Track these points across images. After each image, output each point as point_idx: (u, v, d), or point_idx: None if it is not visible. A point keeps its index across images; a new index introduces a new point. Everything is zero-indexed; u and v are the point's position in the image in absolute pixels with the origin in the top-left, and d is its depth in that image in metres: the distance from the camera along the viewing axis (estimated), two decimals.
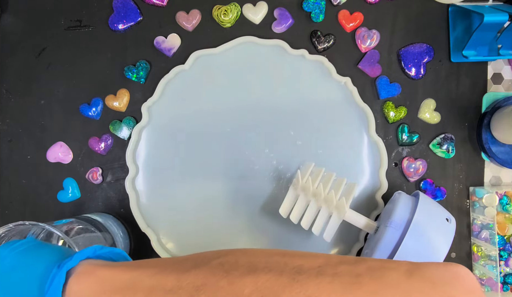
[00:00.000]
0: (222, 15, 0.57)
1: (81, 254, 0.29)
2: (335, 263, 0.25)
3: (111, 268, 0.28)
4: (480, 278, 0.56)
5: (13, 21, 0.57)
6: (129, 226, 0.56)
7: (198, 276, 0.25)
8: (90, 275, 0.28)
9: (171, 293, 0.25)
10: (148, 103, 0.55)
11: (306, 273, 0.24)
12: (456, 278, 0.23)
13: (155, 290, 0.25)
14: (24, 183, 0.57)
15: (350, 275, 0.23)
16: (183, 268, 0.26)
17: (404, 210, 0.47)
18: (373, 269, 0.24)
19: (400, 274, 0.23)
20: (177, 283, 0.25)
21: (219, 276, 0.25)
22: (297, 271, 0.24)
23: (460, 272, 0.24)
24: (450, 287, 0.23)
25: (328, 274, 0.24)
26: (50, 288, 0.27)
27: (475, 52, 0.54)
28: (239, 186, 0.56)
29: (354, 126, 0.56)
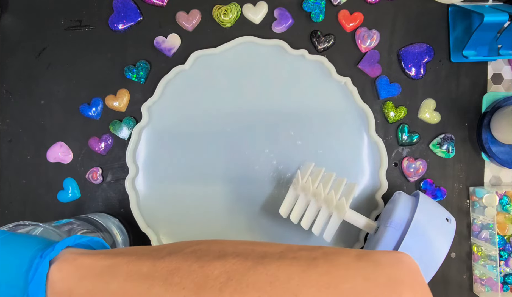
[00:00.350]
0: (222, 15, 0.57)
1: (62, 243, 0.31)
2: (295, 249, 0.28)
3: (91, 255, 0.30)
4: (480, 278, 0.56)
5: (13, 21, 0.57)
6: (129, 226, 0.56)
7: (172, 262, 0.27)
8: (71, 263, 0.29)
9: (147, 276, 0.27)
10: (148, 103, 0.55)
11: (269, 257, 0.27)
12: (400, 261, 0.26)
13: (133, 274, 0.27)
14: (24, 183, 0.57)
15: (307, 258, 0.26)
16: (158, 255, 0.28)
17: (404, 210, 0.47)
18: (328, 253, 0.27)
19: (350, 257, 0.26)
20: (152, 268, 0.27)
21: (191, 261, 0.27)
22: (261, 256, 0.27)
23: (403, 256, 0.27)
24: (394, 268, 0.25)
25: (288, 258, 0.26)
26: (34, 277, 0.28)
27: (475, 52, 0.54)
28: (239, 185, 0.56)
29: (354, 126, 0.56)
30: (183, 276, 0.26)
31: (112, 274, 0.28)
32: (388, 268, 0.25)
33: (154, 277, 0.27)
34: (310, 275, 0.25)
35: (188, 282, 0.26)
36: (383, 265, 0.26)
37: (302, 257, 0.26)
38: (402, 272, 0.25)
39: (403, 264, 0.26)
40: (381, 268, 0.25)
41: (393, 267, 0.26)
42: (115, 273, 0.28)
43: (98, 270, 0.28)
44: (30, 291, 0.28)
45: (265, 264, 0.26)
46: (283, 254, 0.27)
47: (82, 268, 0.29)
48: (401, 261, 0.26)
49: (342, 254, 0.27)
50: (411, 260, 0.27)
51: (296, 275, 0.25)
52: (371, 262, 0.26)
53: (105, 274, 0.28)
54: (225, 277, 0.25)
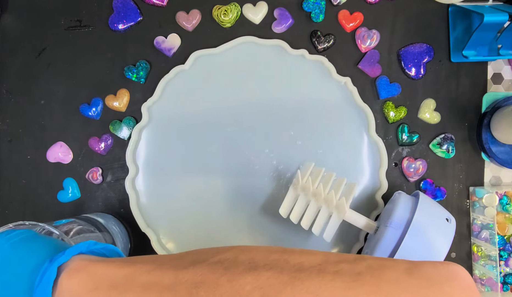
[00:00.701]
0: (222, 15, 0.57)
1: (74, 249, 0.29)
2: (335, 261, 0.25)
3: (105, 263, 0.28)
4: (480, 278, 0.56)
5: (13, 21, 0.57)
6: (129, 226, 0.56)
7: (196, 273, 0.25)
8: (83, 271, 0.27)
9: (169, 290, 0.24)
10: (148, 103, 0.55)
11: (307, 271, 0.24)
12: (453, 276, 0.24)
13: (152, 286, 0.25)
14: (24, 183, 0.57)
15: (351, 273, 0.24)
16: (181, 265, 0.26)
17: (404, 210, 0.47)
18: (373, 267, 0.24)
19: (399, 272, 0.24)
20: (175, 280, 0.25)
21: (218, 273, 0.24)
22: (298, 268, 0.24)
23: (457, 270, 0.25)
24: (447, 285, 0.23)
25: (329, 272, 0.24)
26: (41, 283, 0.26)
27: (475, 52, 0.54)
28: (239, 185, 0.56)
29: (354, 126, 0.56)
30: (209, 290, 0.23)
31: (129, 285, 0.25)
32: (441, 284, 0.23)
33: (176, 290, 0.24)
34: (356, 293, 0.22)
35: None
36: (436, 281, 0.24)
37: (344, 271, 0.24)
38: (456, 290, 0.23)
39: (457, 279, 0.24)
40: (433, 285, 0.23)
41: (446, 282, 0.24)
42: (132, 284, 0.25)
43: (112, 280, 0.26)
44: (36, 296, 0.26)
45: (303, 279, 0.23)
46: (322, 267, 0.24)
47: (95, 277, 0.26)
48: (455, 276, 0.24)
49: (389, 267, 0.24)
50: (466, 274, 0.25)
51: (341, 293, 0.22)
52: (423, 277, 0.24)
53: (120, 285, 0.26)
54: (259, 293, 0.23)
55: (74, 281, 0.27)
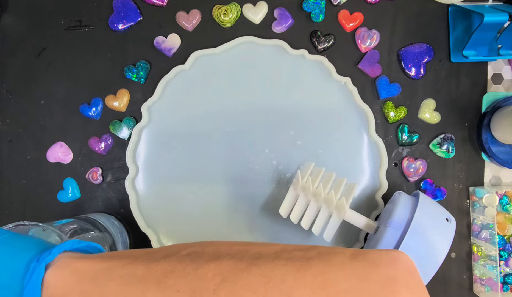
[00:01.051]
0: (222, 15, 0.57)
1: (59, 248, 0.30)
2: (290, 250, 0.27)
3: (86, 259, 0.30)
4: (480, 278, 0.56)
5: (13, 21, 0.57)
6: (129, 226, 0.56)
7: (166, 264, 0.27)
8: (67, 267, 0.29)
9: (142, 280, 0.27)
10: (148, 103, 0.55)
11: (263, 258, 0.26)
12: (395, 260, 0.26)
13: (127, 278, 0.27)
14: (24, 183, 0.57)
15: (302, 258, 0.26)
16: (153, 258, 0.28)
17: (404, 210, 0.47)
18: (323, 253, 0.27)
19: (345, 257, 0.26)
20: (147, 270, 0.27)
21: (185, 263, 0.27)
22: (256, 256, 0.27)
23: (398, 255, 0.26)
24: (389, 267, 0.25)
25: (283, 258, 0.26)
26: (30, 282, 0.28)
27: (475, 52, 0.54)
28: (239, 185, 0.56)
29: (354, 127, 0.56)
30: (177, 278, 0.26)
31: (107, 278, 0.28)
32: (384, 267, 0.25)
33: (148, 280, 0.27)
34: (304, 275, 0.25)
35: (183, 284, 0.26)
36: (379, 264, 0.25)
37: (296, 257, 0.26)
38: (398, 271, 0.25)
39: (399, 262, 0.26)
40: (377, 267, 0.25)
41: (389, 266, 0.25)
42: (109, 276, 0.28)
43: (92, 274, 0.28)
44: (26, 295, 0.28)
45: (259, 265, 0.26)
46: (278, 255, 0.27)
47: (77, 272, 0.29)
48: (397, 259, 0.26)
49: (337, 253, 0.26)
50: (407, 258, 0.27)
51: (290, 276, 0.25)
52: (367, 261, 0.26)
53: (99, 277, 0.28)
54: (220, 278, 0.25)
55: (59, 277, 0.29)
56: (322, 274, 0.25)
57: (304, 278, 0.24)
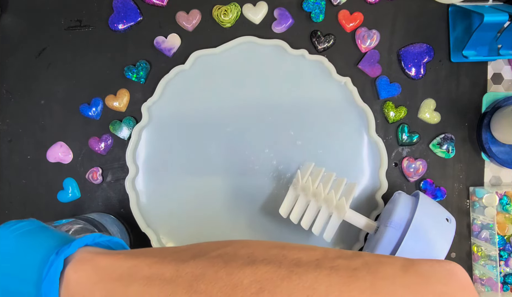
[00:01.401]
0: (222, 15, 0.57)
1: (80, 241, 0.29)
2: (332, 257, 0.25)
3: (109, 256, 0.28)
4: (480, 278, 0.56)
5: (13, 21, 0.57)
6: (129, 226, 0.56)
7: (197, 266, 0.25)
8: (88, 263, 0.28)
9: (170, 282, 0.25)
10: (148, 103, 0.55)
11: (304, 266, 0.24)
12: (450, 275, 0.24)
13: (154, 279, 0.25)
14: (24, 183, 0.57)
15: (347, 268, 0.24)
16: (182, 258, 0.26)
17: (404, 210, 0.47)
18: (370, 263, 0.24)
19: (395, 269, 0.24)
20: (175, 272, 0.25)
21: (218, 266, 0.25)
22: (295, 263, 0.24)
23: (454, 269, 0.24)
24: (443, 283, 0.23)
25: (326, 267, 0.24)
26: (48, 275, 0.27)
27: (475, 52, 0.54)
28: (239, 185, 0.56)
29: (354, 126, 0.56)
30: (209, 283, 0.24)
31: (132, 278, 0.26)
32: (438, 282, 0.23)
33: (177, 283, 0.25)
34: (351, 289, 0.22)
35: (215, 291, 0.23)
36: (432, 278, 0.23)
37: (341, 266, 0.24)
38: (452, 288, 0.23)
39: (454, 277, 0.24)
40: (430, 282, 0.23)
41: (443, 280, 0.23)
42: (135, 276, 0.26)
43: (116, 272, 0.27)
44: (44, 288, 0.27)
45: (300, 273, 0.24)
46: (320, 262, 0.25)
47: (99, 269, 0.27)
48: (452, 274, 0.24)
49: (386, 264, 0.24)
50: (463, 272, 0.25)
51: (336, 288, 0.23)
52: (420, 275, 0.23)
53: (124, 277, 0.26)
54: (257, 287, 0.23)
55: (79, 273, 0.27)
56: (371, 288, 0.23)
57: (351, 293, 0.22)
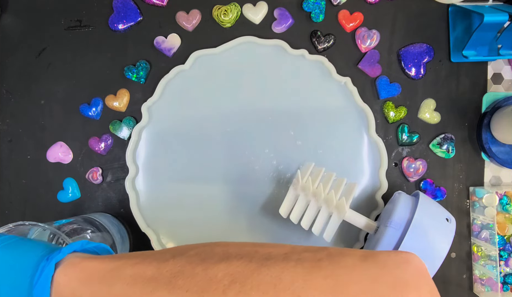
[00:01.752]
0: (222, 15, 0.57)
1: (69, 248, 0.31)
2: (299, 251, 0.27)
3: (96, 259, 0.30)
4: (480, 278, 0.56)
5: (13, 21, 0.57)
6: (129, 226, 0.56)
7: (176, 264, 0.27)
8: (76, 266, 0.29)
9: (151, 280, 0.27)
10: (148, 103, 0.55)
11: (273, 259, 0.26)
12: (406, 261, 0.26)
13: (136, 277, 0.27)
14: (24, 183, 0.57)
15: (312, 260, 0.26)
16: (162, 258, 0.28)
17: (404, 210, 0.47)
18: (333, 255, 0.26)
19: (355, 259, 0.26)
20: (156, 271, 0.27)
21: (195, 264, 0.27)
22: (265, 257, 0.27)
23: (409, 257, 0.26)
24: (400, 270, 0.25)
25: (292, 259, 0.26)
26: (39, 280, 0.28)
27: (475, 52, 0.54)
28: (239, 185, 0.56)
29: (354, 126, 0.56)
30: (186, 279, 0.26)
31: (116, 278, 0.28)
32: (395, 269, 0.25)
33: (157, 280, 0.27)
34: (314, 277, 0.24)
35: (192, 285, 0.25)
36: (389, 266, 0.25)
37: (306, 258, 0.26)
38: (408, 273, 0.25)
39: (409, 264, 0.25)
40: (387, 269, 0.25)
41: (400, 268, 0.25)
42: (118, 276, 0.28)
43: (102, 273, 0.28)
44: (35, 293, 0.28)
45: (269, 266, 0.26)
46: (287, 256, 0.27)
47: (86, 271, 0.29)
48: (407, 261, 0.26)
49: (347, 255, 0.26)
50: (418, 260, 0.26)
51: (300, 278, 0.25)
52: (377, 263, 0.25)
53: (108, 277, 0.28)
54: (229, 279, 0.25)
55: (68, 276, 0.29)
56: (332, 276, 0.24)
57: (314, 280, 0.24)
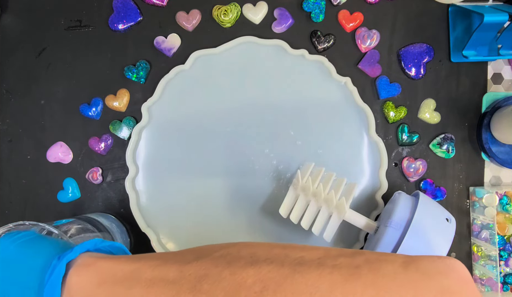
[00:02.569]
0: (222, 15, 0.57)
1: (81, 247, 0.29)
2: (334, 255, 0.25)
3: (112, 260, 0.28)
4: (480, 278, 0.56)
5: (13, 21, 0.57)
6: (129, 226, 0.56)
7: (200, 267, 0.25)
8: (90, 267, 0.28)
9: (173, 283, 0.25)
10: (148, 103, 0.55)
11: (306, 264, 0.24)
12: (450, 269, 0.24)
13: (157, 281, 0.25)
14: (24, 183, 0.57)
15: (349, 266, 0.24)
16: (185, 260, 0.26)
17: (404, 210, 0.47)
18: (371, 261, 0.25)
19: (396, 266, 0.24)
20: (179, 274, 0.25)
21: (221, 267, 0.25)
22: (298, 262, 0.25)
23: (453, 264, 0.25)
24: (444, 277, 0.24)
25: (328, 266, 0.24)
26: (50, 279, 0.27)
27: (475, 52, 0.54)
28: (239, 185, 0.56)
29: (354, 126, 0.56)
30: (212, 283, 0.24)
31: (135, 280, 0.26)
32: (438, 277, 0.24)
33: (181, 284, 0.25)
34: (354, 286, 0.23)
35: (219, 290, 0.24)
36: (432, 274, 0.24)
37: (343, 264, 0.24)
38: (453, 281, 0.24)
39: (453, 271, 0.24)
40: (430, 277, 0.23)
41: (444, 275, 0.24)
42: (138, 278, 0.26)
43: (119, 275, 0.27)
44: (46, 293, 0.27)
45: (303, 272, 0.24)
46: (322, 261, 0.25)
47: (101, 272, 0.27)
48: (451, 269, 0.24)
49: (387, 261, 0.25)
50: (462, 266, 0.25)
51: (339, 286, 0.23)
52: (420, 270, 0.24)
53: (126, 279, 0.26)
54: (260, 286, 0.23)
55: (81, 277, 0.27)
56: (373, 286, 0.23)
57: (354, 289, 0.23)
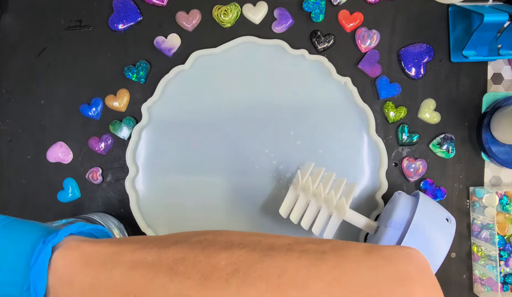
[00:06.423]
0: (222, 15, 0.57)
1: (65, 230, 0.30)
2: (303, 242, 0.27)
3: (95, 243, 0.29)
4: (480, 278, 0.56)
5: (13, 21, 0.57)
6: (129, 226, 0.56)
7: (178, 251, 0.27)
8: (74, 250, 0.29)
9: (152, 266, 0.26)
10: (148, 103, 0.55)
11: (276, 250, 0.26)
12: (410, 256, 0.26)
13: (137, 263, 0.27)
14: (24, 183, 0.57)
15: (316, 252, 0.26)
16: (164, 244, 0.28)
17: (404, 210, 0.47)
18: (336, 247, 0.26)
19: (360, 252, 0.26)
20: (157, 257, 0.27)
21: (197, 251, 0.27)
22: (269, 247, 0.26)
23: (413, 252, 0.26)
24: (404, 263, 0.25)
25: (296, 251, 0.26)
26: (36, 263, 0.28)
27: (475, 52, 0.54)
28: (239, 186, 0.56)
29: (354, 127, 0.56)
30: (188, 266, 0.26)
31: (116, 262, 0.27)
32: (398, 263, 0.25)
33: (159, 266, 0.26)
34: (319, 269, 0.24)
35: (194, 272, 0.25)
36: (393, 260, 0.25)
37: (310, 250, 0.26)
38: (412, 267, 0.25)
39: (413, 259, 0.26)
40: (391, 263, 0.25)
41: (403, 262, 0.25)
42: (118, 261, 0.27)
43: (101, 257, 0.28)
44: (32, 277, 0.27)
45: (272, 256, 0.25)
46: (291, 247, 0.27)
47: (85, 255, 0.28)
48: (411, 256, 0.26)
49: (351, 247, 0.26)
50: (421, 255, 0.26)
51: (305, 268, 0.25)
52: (381, 256, 0.25)
53: (108, 262, 0.28)
54: (232, 268, 0.25)
55: (66, 260, 0.28)
56: (337, 268, 0.24)
57: (319, 272, 0.24)
